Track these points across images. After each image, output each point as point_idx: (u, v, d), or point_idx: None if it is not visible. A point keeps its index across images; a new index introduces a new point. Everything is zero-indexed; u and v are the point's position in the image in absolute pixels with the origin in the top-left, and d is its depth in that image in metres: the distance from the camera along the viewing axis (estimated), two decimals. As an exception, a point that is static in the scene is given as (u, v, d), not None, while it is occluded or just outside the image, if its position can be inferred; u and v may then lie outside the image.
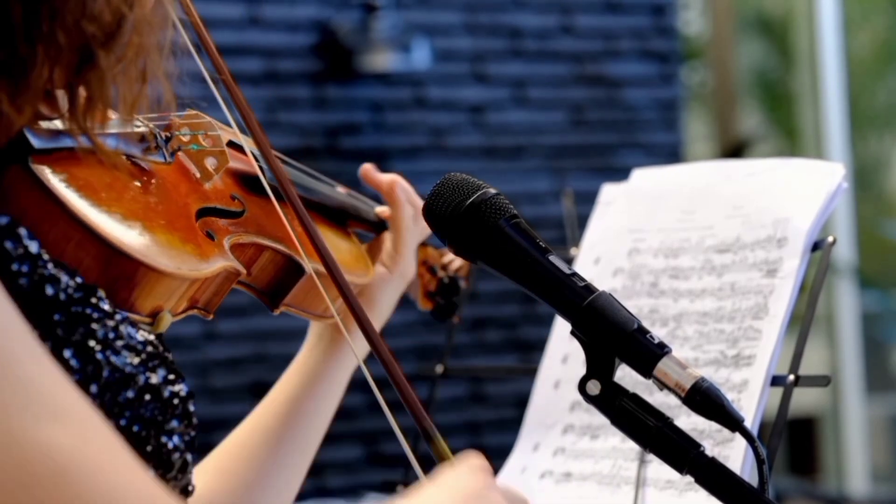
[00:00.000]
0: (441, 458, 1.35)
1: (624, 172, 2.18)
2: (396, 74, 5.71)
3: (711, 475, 1.41)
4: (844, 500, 6.76)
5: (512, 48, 5.99)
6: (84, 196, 1.33)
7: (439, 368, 2.18)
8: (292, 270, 1.64)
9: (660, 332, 1.94)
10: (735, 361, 1.88)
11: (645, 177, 2.15)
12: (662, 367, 1.42)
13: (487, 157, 5.90)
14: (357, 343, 1.69)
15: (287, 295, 1.66)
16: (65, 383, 1.13)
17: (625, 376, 1.48)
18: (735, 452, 1.82)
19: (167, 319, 1.39)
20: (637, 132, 6.17)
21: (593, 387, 1.43)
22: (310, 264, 1.61)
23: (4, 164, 1.30)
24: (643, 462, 1.88)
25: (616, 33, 6.17)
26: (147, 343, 1.32)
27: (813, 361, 6.66)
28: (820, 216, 1.92)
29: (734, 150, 6.97)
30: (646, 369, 1.42)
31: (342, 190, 1.89)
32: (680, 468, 1.42)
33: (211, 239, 1.49)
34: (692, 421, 1.75)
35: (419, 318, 5.57)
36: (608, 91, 6.14)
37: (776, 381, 1.85)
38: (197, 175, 1.55)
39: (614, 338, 1.43)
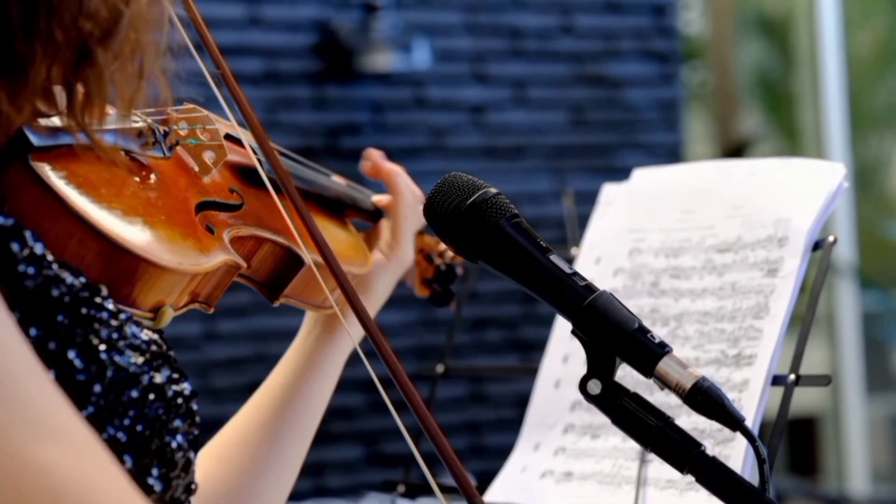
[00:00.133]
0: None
1: (624, 172, 2.18)
2: (397, 74, 5.71)
3: (712, 475, 1.41)
4: (845, 500, 6.76)
5: (512, 48, 5.99)
6: (84, 193, 1.33)
7: (440, 368, 2.18)
8: (291, 262, 1.64)
9: (660, 332, 1.94)
10: (736, 361, 1.88)
11: (645, 177, 2.15)
12: (663, 367, 1.42)
13: (488, 158, 5.90)
14: (354, 332, 1.69)
15: (287, 287, 1.66)
16: (62, 403, 1.13)
17: (625, 376, 1.48)
18: (736, 452, 1.82)
19: (169, 314, 1.39)
20: (637, 132, 6.17)
21: (594, 386, 1.43)
22: (309, 256, 1.61)
23: (4, 163, 1.30)
24: (644, 461, 1.88)
25: (616, 33, 6.17)
26: (151, 342, 1.32)
27: (813, 361, 6.66)
28: (821, 216, 1.92)
29: (735, 150, 6.97)
30: (646, 369, 1.42)
31: (339, 179, 1.89)
32: (681, 468, 1.42)
33: (211, 233, 1.49)
34: (693, 420, 1.75)
35: (420, 318, 5.59)
36: (608, 91, 6.14)
37: (777, 381, 1.85)
38: (195, 169, 1.54)
39: (615, 337, 1.43)
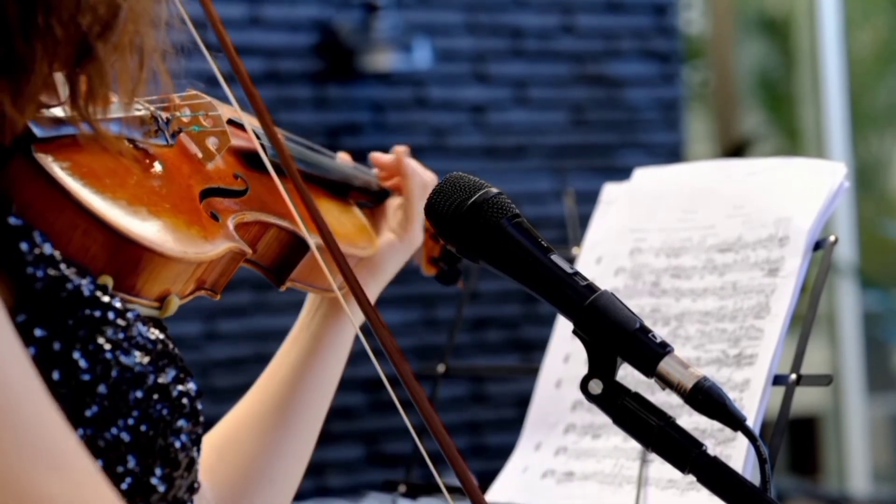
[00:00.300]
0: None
1: (625, 172, 2.18)
2: (397, 74, 5.71)
3: (713, 474, 1.41)
4: (845, 500, 6.76)
5: (513, 48, 5.99)
6: (88, 183, 1.32)
7: (441, 368, 2.18)
8: (297, 246, 1.64)
9: (661, 332, 1.94)
10: (737, 361, 1.88)
11: (646, 176, 2.15)
12: (664, 367, 1.42)
13: (488, 157, 5.90)
14: (357, 317, 1.69)
15: (293, 271, 1.66)
16: (63, 428, 1.13)
17: (627, 375, 1.48)
18: (737, 452, 1.82)
19: (175, 303, 1.39)
20: (638, 132, 6.17)
21: (595, 386, 1.43)
22: (313, 240, 1.60)
23: (8, 156, 1.29)
24: (645, 461, 1.88)
25: (617, 33, 6.17)
26: (158, 342, 1.32)
27: (814, 361, 6.66)
28: (821, 215, 1.91)
29: (735, 150, 6.97)
30: (648, 368, 1.42)
31: (344, 160, 1.89)
32: (682, 467, 1.42)
33: (216, 220, 1.48)
34: (694, 420, 1.75)
35: (420, 318, 5.59)
36: (609, 91, 6.14)
37: (778, 381, 1.85)
38: (199, 156, 1.54)
39: (616, 337, 1.43)
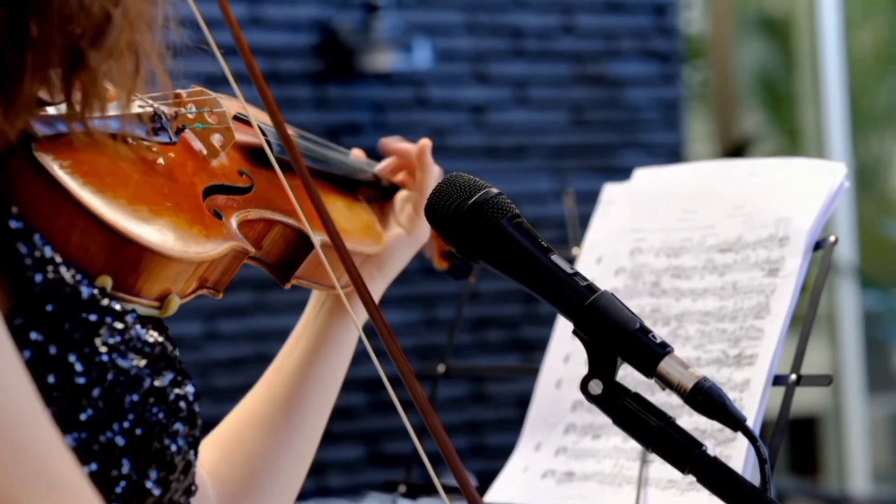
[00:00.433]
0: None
1: (625, 172, 2.18)
2: (398, 74, 5.71)
3: (713, 475, 1.41)
4: (846, 500, 6.76)
5: (513, 48, 5.99)
6: (88, 182, 1.31)
7: (441, 368, 2.18)
8: (302, 244, 1.62)
9: (662, 332, 1.94)
10: (737, 361, 1.88)
11: (646, 176, 2.15)
12: (664, 367, 1.42)
13: (489, 157, 5.90)
14: (360, 316, 1.68)
15: (298, 268, 1.64)
16: (59, 447, 1.13)
17: (627, 376, 1.48)
18: (737, 452, 1.82)
19: (175, 302, 1.38)
20: (638, 132, 6.17)
21: (595, 386, 1.43)
22: (319, 237, 1.59)
23: (9, 154, 1.29)
24: (645, 461, 1.88)
25: (617, 33, 6.17)
26: (156, 345, 1.32)
27: (814, 361, 6.66)
28: (821, 215, 1.91)
29: (735, 150, 6.97)
30: (648, 369, 1.42)
31: (358, 154, 1.88)
32: (682, 468, 1.42)
33: (219, 218, 1.47)
34: (694, 420, 1.75)
35: (421, 318, 5.59)
36: (609, 91, 6.14)
37: (778, 381, 1.85)
38: (204, 153, 1.53)
39: (616, 337, 1.43)
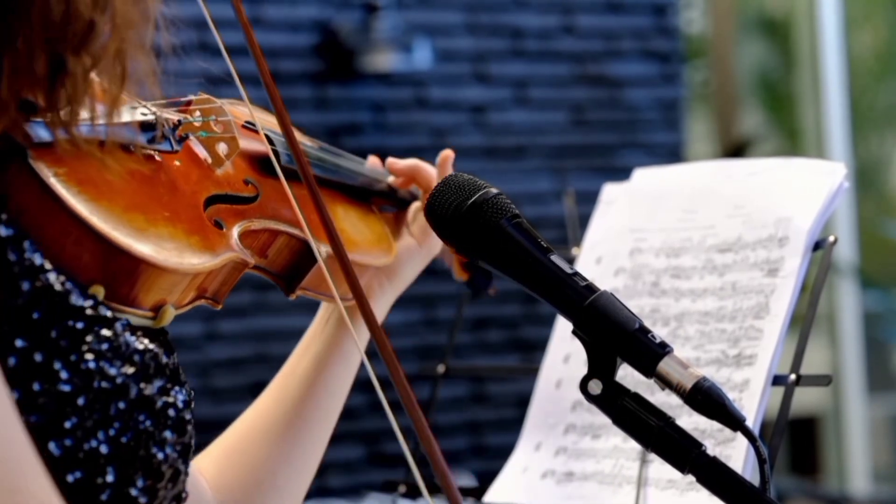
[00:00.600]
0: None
1: (625, 172, 2.18)
2: (398, 75, 5.71)
3: (713, 475, 1.41)
4: (846, 500, 6.76)
5: (513, 48, 5.99)
6: (83, 191, 1.30)
7: (441, 368, 2.18)
8: (308, 254, 1.61)
9: (661, 332, 1.94)
10: (736, 361, 1.88)
11: (646, 176, 2.15)
12: (664, 367, 1.42)
13: (489, 158, 5.90)
14: (361, 333, 1.67)
15: (303, 279, 1.63)
16: (35, 473, 1.13)
17: (626, 376, 1.48)
18: (736, 452, 1.82)
19: (170, 313, 1.37)
20: (638, 132, 6.17)
21: (595, 386, 1.44)
22: (324, 248, 1.57)
23: (6, 159, 1.29)
24: (645, 462, 1.88)
25: (617, 33, 6.17)
26: (145, 352, 1.31)
27: (814, 361, 6.66)
28: (821, 215, 1.92)
29: (735, 150, 6.96)
30: (647, 369, 1.42)
31: (374, 162, 1.87)
32: (681, 468, 1.42)
33: (219, 228, 1.46)
34: (694, 420, 1.75)
35: (421, 318, 5.59)
36: (609, 91, 6.14)
37: (777, 381, 1.85)
38: (208, 161, 1.52)
39: (616, 337, 1.43)
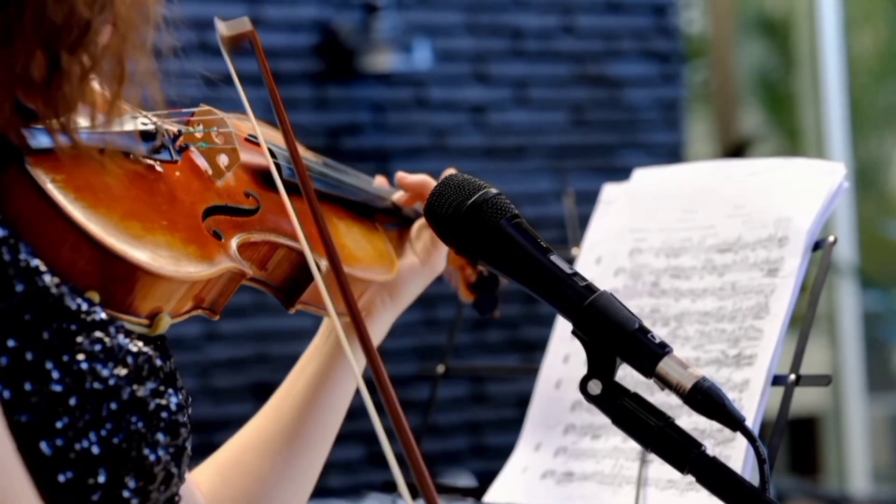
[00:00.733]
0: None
1: (625, 172, 2.18)
2: (398, 75, 5.71)
3: (713, 475, 1.41)
4: (846, 500, 6.76)
5: (513, 48, 5.99)
6: (79, 197, 1.31)
7: (441, 368, 2.18)
8: (308, 268, 1.59)
9: (661, 332, 1.94)
10: (736, 361, 1.88)
11: (646, 176, 2.15)
12: (663, 367, 1.42)
13: (489, 158, 5.90)
14: (358, 354, 1.67)
15: (303, 293, 1.63)
16: (24, 491, 1.13)
17: (626, 376, 1.48)
18: (736, 452, 1.82)
19: (165, 322, 1.37)
20: (638, 132, 6.17)
21: (594, 386, 1.44)
22: (324, 263, 1.57)
23: (4, 164, 1.29)
24: (644, 462, 1.88)
25: (617, 33, 6.17)
26: (139, 355, 1.31)
27: (814, 361, 6.65)
28: (821, 215, 1.92)
29: (735, 150, 6.96)
30: (647, 369, 1.42)
31: (381, 182, 1.87)
32: (681, 468, 1.42)
33: (218, 238, 1.46)
34: (693, 420, 1.75)
35: (420, 319, 5.58)
36: (609, 91, 6.14)
37: (777, 381, 1.85)
38: (209, 172, 1.53)
39: (615, 337, 1.43)
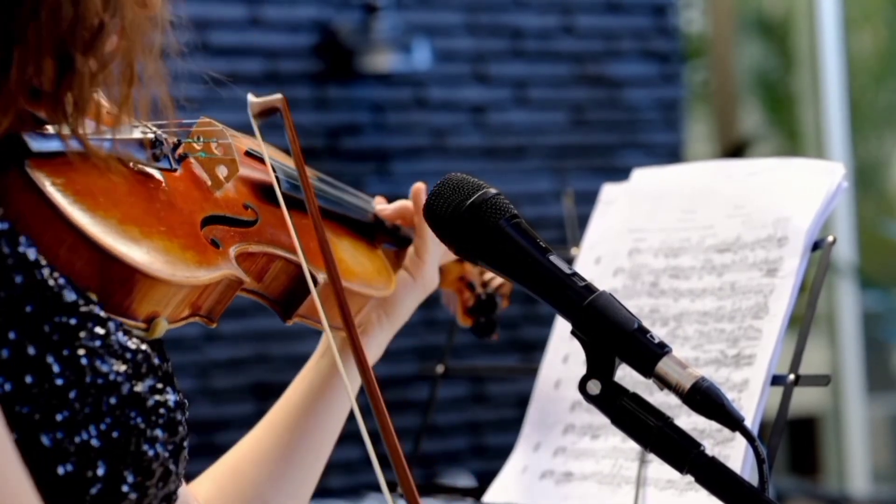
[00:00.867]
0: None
1: (625, 172, 2.18)
2: (397, 75, 5.71)
3: (712, 474, 1.41)
4: (845, 500, 6.76)
5: (513, 48, 5.99)
6: (79, 200, 1.32)
7: (440, 368, 2.19)
8: (306, 281, 1.61)
9: (660, 332, 1.94)
10: (735, 361, 1.88)
11: (645, 176, 2.15)
12: (662, 367, 1.42)
13: (488, 158, 5.90)
14: (351, 371, 1.68)
15: (300, 306, 1.65)
16: (15, 479, 1.14)
17: (625, 376, 1.48)
18: (735, 452, 1.82)
19: (162, 326, 1.38)
20: (638, 132, 6.17)
21: (594, 386, 1.44)
22: (321, 276, 1.60)
23: (5, 167, 1.31)
24: (644, 462, 1.88)
25: (617, 33, 6.17)
26: (137, 352, 1.33)
27: (814, 361, 6.66)
28: (820, 215, 1.92)
29: (735, 150, 6.96)
30: (646, 369, 1.42)
31: (380, 202, 1.88)
32: (680, 468, 1.42)
33: (216, 247, 1.48)
34: (692, 420, 1.75)
35: (420, 319, 5.57)
36: (609, 91, 6.14)
37: (776, 381, 1.85)
38: (208, 183, 1.54)
39: (615, 337, 1.43)
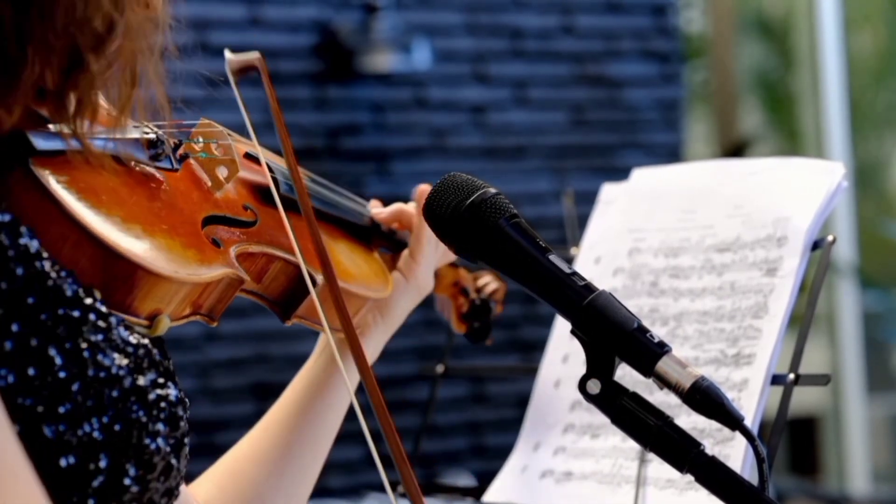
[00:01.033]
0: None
1: (624, 172, 2.18)
2: (397, 75, 5.71)
3: (712, 474, 1.41)
4: (845, 500, 6.76)
5: (513, 48, 5.99)
6: (82, 198, 1.34)
7: (440, 368, 2.19)
8: (304, 282, 1.63)
9: (660, 332, 1.94)
10: (735, 360, 1.89)
11: (645, 176, 2.15)
12: (662, 366, 1.42)
13: (488, 158, 5.90)
14: (351, 370, 1.68)
15: (299, 307, 1.66)
16: (26, 485, 1.14)
17: (625, 375, 1.48)
18: (735, 451, 1.82)
19: (165, 323, 1.40)
20: (637, 132, 6.17)
21: (594, 386, 1.44)
22: (320, 277, 1.61)
23: (9, 165, 1.32)
24: (643, 461, 1.89)
25: (617, 33, 6.17)
26: (139, 346, 1.34)
27: (814, 361, 6.66)
28: (820, 215, 1.92)
29: (734, 150, 6.96)
30: (646, 368, 1.43)
31: (376, 205, 1.88)
32: (680, 467, 1.42)
33: (217, 246, 1.49)
34: (692, 420, 1.76)
35: (420, 319, 5.58)
36: (609, 91, 6.14)
37: (776, 380, 1.85)
38: (208, 183, 1.56)
39: (614, 337, 1.43)
